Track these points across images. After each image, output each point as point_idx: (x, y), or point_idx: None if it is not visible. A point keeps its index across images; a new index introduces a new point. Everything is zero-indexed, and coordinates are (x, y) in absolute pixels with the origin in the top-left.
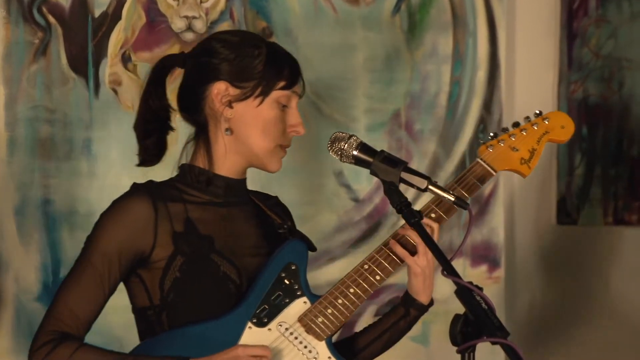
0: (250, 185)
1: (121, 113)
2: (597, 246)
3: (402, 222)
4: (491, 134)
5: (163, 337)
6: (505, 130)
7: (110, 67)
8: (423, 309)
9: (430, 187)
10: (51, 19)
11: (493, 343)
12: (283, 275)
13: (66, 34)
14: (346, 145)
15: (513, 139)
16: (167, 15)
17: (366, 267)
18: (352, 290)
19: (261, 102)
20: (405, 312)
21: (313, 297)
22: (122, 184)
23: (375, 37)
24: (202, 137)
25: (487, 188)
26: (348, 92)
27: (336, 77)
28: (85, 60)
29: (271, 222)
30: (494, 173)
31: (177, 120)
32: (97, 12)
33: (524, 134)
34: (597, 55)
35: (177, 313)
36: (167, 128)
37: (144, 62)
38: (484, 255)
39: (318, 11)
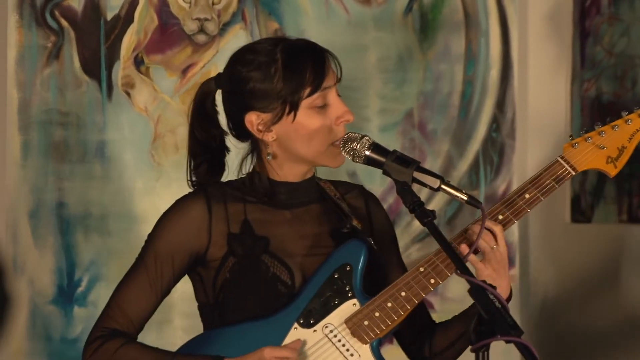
0: None
1: (134, 115)
2: (611, 244)
3: (416, 221)
4: (584, 130)
5: (210, 335)
6: (598, 124)
7: (123, 69)
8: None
9: (443, 186)
10: (64, 23)
11: (507, 342)
12: (336, 276)
13: (79, 37)
14: (358, 145)
15: (603, 136)
16: (180, 17)
17: (422, 269)
18: (403, 293)
19: (295, 116)
20: None
21: (364, 299)
22: (136, 186)
23: (387, 38)
24: (256, 152)
25: (500, 186)
26: (360, 93)
27: (348, 77)
28: (98, 63)
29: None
30: (574, 173)
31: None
32: (110, 15)
33: (616, 130)
34: (610, 53)
35: (227, 313)
36: (223, 151)
37: (157, 64)
38: None
39: (330, 12)
